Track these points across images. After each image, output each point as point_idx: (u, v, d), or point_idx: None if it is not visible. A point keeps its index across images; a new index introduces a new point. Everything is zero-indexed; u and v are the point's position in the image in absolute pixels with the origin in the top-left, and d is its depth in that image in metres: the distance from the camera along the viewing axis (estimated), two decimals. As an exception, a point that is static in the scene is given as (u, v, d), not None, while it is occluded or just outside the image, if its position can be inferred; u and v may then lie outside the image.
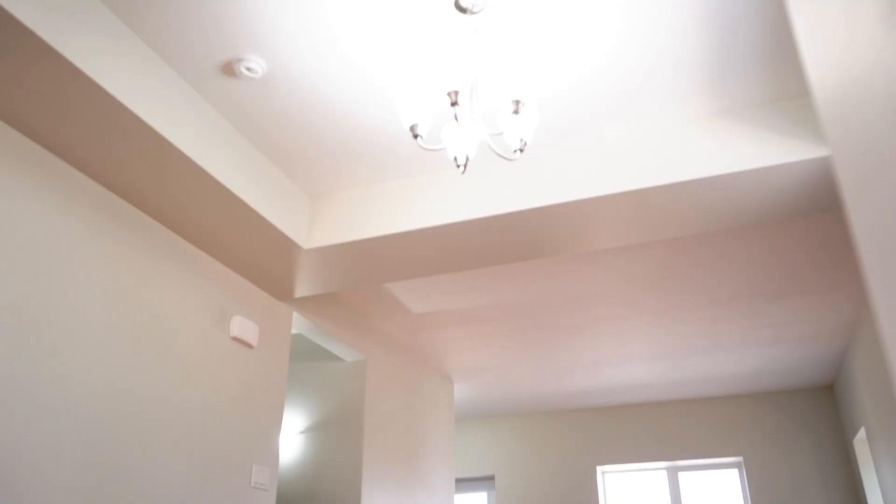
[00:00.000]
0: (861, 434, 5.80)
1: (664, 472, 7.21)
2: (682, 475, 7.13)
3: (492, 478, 7.75)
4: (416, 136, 2.37)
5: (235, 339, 3.58)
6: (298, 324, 4.35)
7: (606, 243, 3.46)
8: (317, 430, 4.91)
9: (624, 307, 4.93)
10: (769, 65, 2.75)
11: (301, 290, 3.92)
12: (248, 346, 3.68)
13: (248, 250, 3.47)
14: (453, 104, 2.24)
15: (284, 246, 3.43)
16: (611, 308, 4.94)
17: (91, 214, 2.82)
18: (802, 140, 2.85)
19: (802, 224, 3.86)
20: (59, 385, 2.57)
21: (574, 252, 3.54)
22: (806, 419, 6.77)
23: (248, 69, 2.71)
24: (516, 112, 2.28)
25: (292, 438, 4.96)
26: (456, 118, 2.31)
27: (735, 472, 6.97)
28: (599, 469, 7.35)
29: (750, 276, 4.44)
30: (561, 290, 4.66)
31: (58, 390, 2.56)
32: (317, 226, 3.52)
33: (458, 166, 2.37)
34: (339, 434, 4.83)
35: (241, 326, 3.61)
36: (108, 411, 2.76)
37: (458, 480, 7.90)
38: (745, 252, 4.14)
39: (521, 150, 2.42)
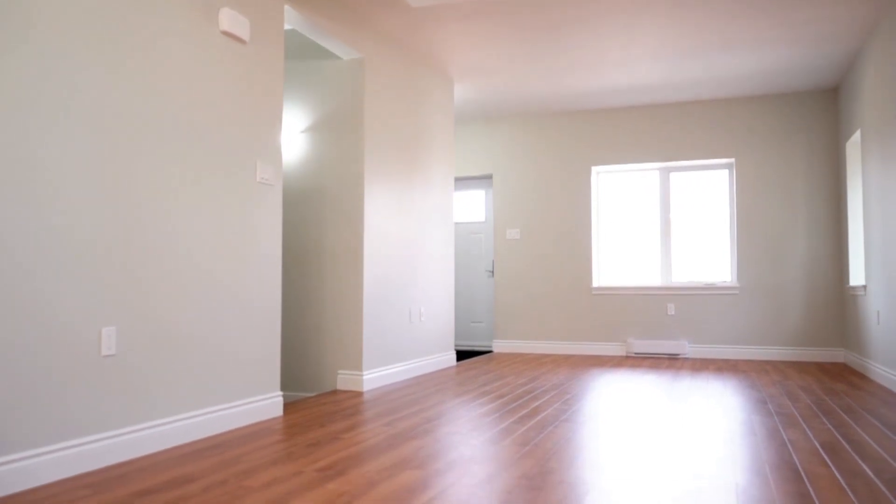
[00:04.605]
0: (856, 137, 5.87)
1: (656, 172, 7.45)
2: (673, 175, 7.38)
3: (490, 177, 8.04)
4: None
5: (225, 33, 3.42)
6: (292, 18, 4.13)
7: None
8: (318, 130, 4.95)
9: (632, 2, 4.64)
10: None
11: (291, -20, 3.65)
12: (240, 41, 3.53)
13: (229, -68, 3.15)
14: None
15: (268, -73, 3.10)
16: (618, 3, 4.66)
17: None
18: None
19: None
20: (48, 102, 2.51)
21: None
22: (804, 122, 6.80)
23: None
24: None
25: (294, 137, 5.02)
26: None
27: (725, 172, 7.20)
28: (594, 169, 7.58)
29: (775, -33, 4.10)
30: (569, -17, 4.34)
31: (48, 107, 2.50)
32: None
33: None
34: (339, 133, 4.88)
35: (231, 19, 3.43)
36: (104, 120, 2.74)
37: (458, 179, 8.20)
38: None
39: None
